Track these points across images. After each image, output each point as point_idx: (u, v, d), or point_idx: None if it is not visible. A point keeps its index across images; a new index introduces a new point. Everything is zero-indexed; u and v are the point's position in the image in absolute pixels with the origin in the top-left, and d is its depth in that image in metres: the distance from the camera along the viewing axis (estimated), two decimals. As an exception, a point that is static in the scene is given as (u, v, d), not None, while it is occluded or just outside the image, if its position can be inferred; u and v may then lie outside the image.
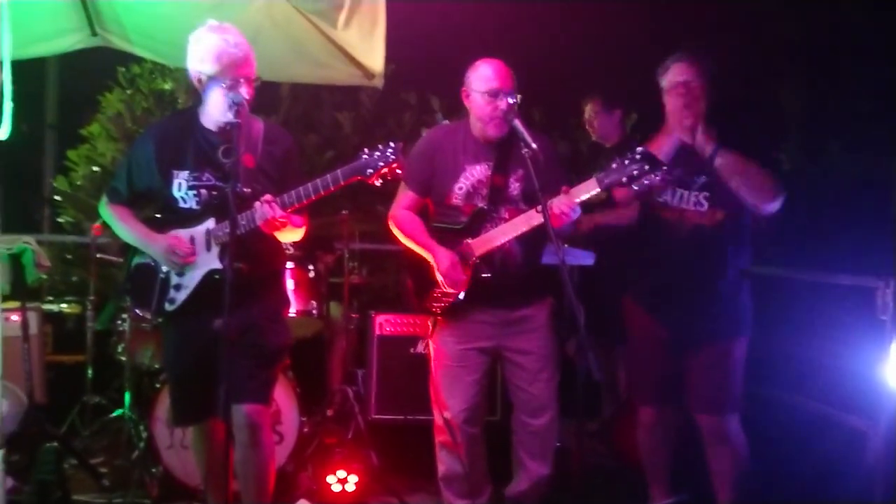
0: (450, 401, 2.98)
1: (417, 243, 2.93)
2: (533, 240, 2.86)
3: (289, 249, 3.76)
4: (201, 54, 2.58)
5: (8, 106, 2.53)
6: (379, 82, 4.05)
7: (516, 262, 2.91)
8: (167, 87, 5.20)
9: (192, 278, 2.65)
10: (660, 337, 2.98)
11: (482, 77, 2.86)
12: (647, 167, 2.58)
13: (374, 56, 3.86)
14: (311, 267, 3.79)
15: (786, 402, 3.59)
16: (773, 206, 2.81)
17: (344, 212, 3.93)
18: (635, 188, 2.61)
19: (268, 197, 2.52)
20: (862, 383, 3.12)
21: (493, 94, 2.82)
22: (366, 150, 2.53)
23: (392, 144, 2.51)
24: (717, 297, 2.91)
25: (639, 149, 2.61)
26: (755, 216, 2.90)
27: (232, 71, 2.54)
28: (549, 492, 3.08)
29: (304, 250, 3.74)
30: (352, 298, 4.01)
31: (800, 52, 5.22)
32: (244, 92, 2.55)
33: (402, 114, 5.44)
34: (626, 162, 2.60)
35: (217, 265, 2.59)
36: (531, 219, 2.74)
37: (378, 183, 2.53)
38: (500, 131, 2.85)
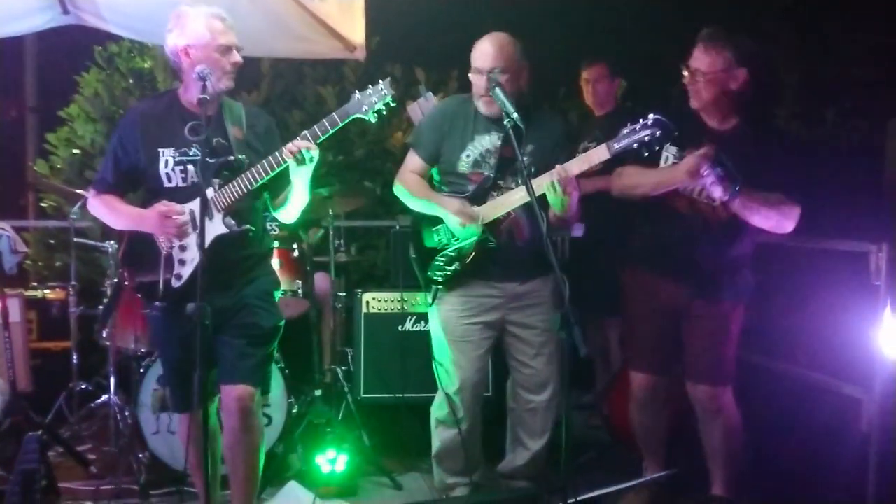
0: (452, 374, 2.95)
1: (424, 197, 2.94)
2: (536, 211, 2.81)
3: (273, 231, 3.70)
4: (186, 29, 2.56)
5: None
6: (361, 54, 3.97)
7: (523, 235, 2.90)
8: (146, 65, 5.07)
9: (196, 250, 2.56)
10: (659, 304, 2.94)
11: (476, 53, 2.87)
12: (658, 133, 2.54)
13: (354, 28, 3.79)
14: (294, 246, 3.73)
15: (778, 371, 3.56)
16: (790, 227, 2.78)
17: (330, 188, 3.84)
18: (646, 154, 2.59)
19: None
20: (856, 350, 3.08)
21: (480, 72, 2.83)
22: (357, 91, 2.54)
23: (381, 81, 2.54)
24: (719, 269, 2.86)
25: (651, 114, 2.58)
26: None
27: (223, 37, 2.56)
28: (543, 465, 3.07)
29: (289, 230, 3.67)
30: (339, 277, 3.95)
31: (793, 18, 5.14)
32: (229, 63, 2.57)
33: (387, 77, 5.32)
34: (638, 127, 2.59)
35: (223, 230, 2.53)
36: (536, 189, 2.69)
37: (374, 120, 2.56)
38: (489, 109, 2.86)
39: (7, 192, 6.46)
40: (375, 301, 3.79)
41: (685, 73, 2.81)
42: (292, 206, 2.71)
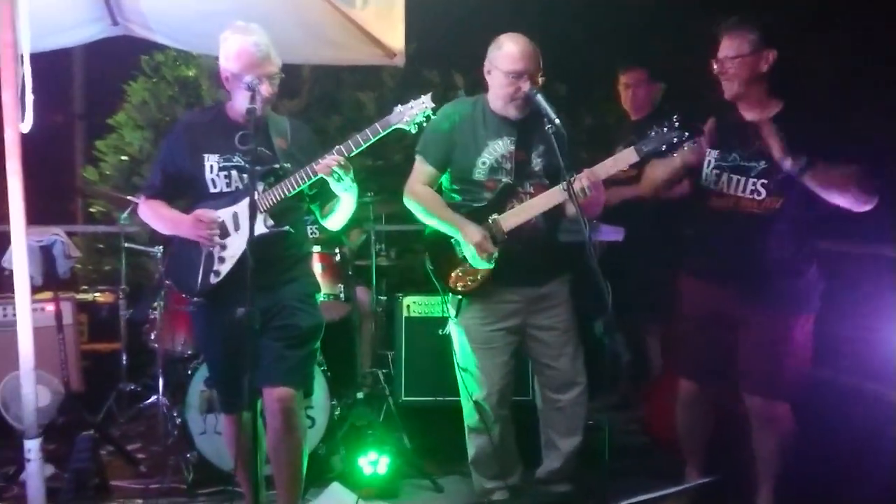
0: (479, 382, 2.96)
1: (442, 218, 2.88)
2: (555, 215, 2.83)
3: (314, 234, 3.77)
4: (226, 53, 2.67)
5: (29, 99, 2.56)
6: (400, 61, 4.00)
7: (542, 238, 2.87)
8: (191, 73, 5.20)
9: (238, 248, 2.65)
10: (706, 310, 2.85)
11: (506, 56, 2.79)
12: (686, 135, 2.54)
13: (394, 34, 3.82)
14: (336, 250, 3.78)
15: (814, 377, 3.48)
16: (871, 204, 2.63)
17: (370, 194, 3.90)
18: (674, 156, 2.58)
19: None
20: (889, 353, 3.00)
21: (517, 76, 2.76)
22: (399, 103, 2.58)
23: (422, 95, 2.58)
24: (774, 275, 2.73)
25: (676, 116, 2.56)
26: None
27: (252, 69, 2.61)
28: (579, 469, 3.06)
29: (329, 234, 3.72)
30: (380, 281, 4.00)
31: (827, 15, 5.03)
32: (265, 89, 2.61)
33: (426, 92, 5.35)
34: (665, 130, 2.58)
35: (263, 230, 2.60)
36: (560, 195, 2.70)
37: (414, 131, 2.59)
38: (522, 112, 2.82)
39: (56, 198, 6.65)
40: (416, 305, 3.82)
41: (715, 67, 2.74)
42: (338, 216, 2.79)
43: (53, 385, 3.65)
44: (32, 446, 2.62)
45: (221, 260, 2.69)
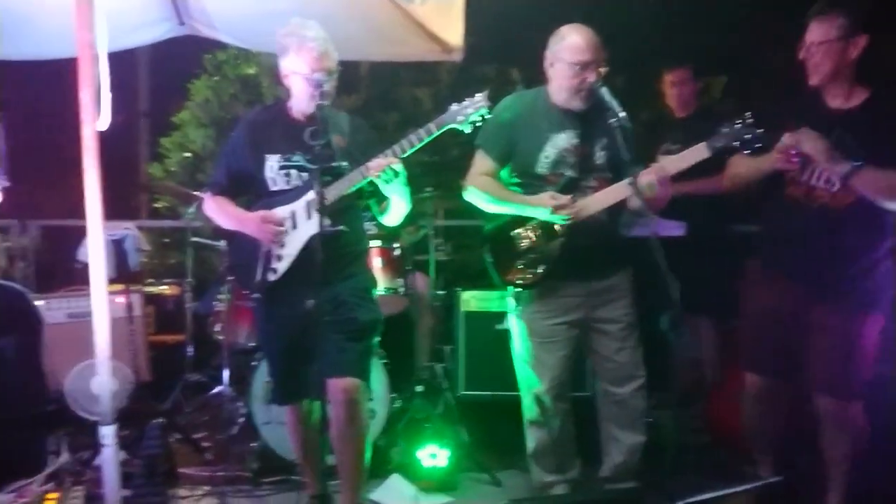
0: (539, 377, 2.96)
1: (507, 200, 2.88)
2: (617, 208, 2.81)
3: (371, 230, 3.81)
4: (284, 51, 2.73)
5: (106, 98, 2.65)
6: (458, 56, 3.99)
7: (604, 231, 2.86)
8: (251, 71, 5.31)
9: (294, 247, 2.73)
10: (774, 305, 2.79)
11: (571, 47, 2.77)
12: (759, 132, 2.51)
13: (453, 30, 3.81)
14: (395, 245, 3.82)
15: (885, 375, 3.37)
16: None
17: (428, 189, 3.93)
18: (746, 153, 2.55)
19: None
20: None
21: (583, 66, 2.74)
22: (455, 102, 2.60)
23: (478, 93, 2.59)
24: (847, 273, 2.66)
25: (749, 113, 2.53)
26: None
27: (311, 65, 2.66)
28: (642, 465, 3.03)
29: (387, 229, 3.76)
30: (438, 275, 4.03)
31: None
32: (326, 84, 2.66)
33: (482, 87, 5.35)
34: (738, 126, 2.55)
35: (317, 229, 2.64)
36: (626, 190, 2.67)
37: (469, 130, 2.60)
38: (586, 104, 2.79)
39: (122, 193, 6.87)
40: (474, 299, 3.84)
41: (802, 52, 2.67)
42: (392, 215, 2.84)
43: (123, 374, 3.78)
44: (108, 432, 2.69)
45: (279, 258, 2.76)
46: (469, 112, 2.57)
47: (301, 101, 2.75)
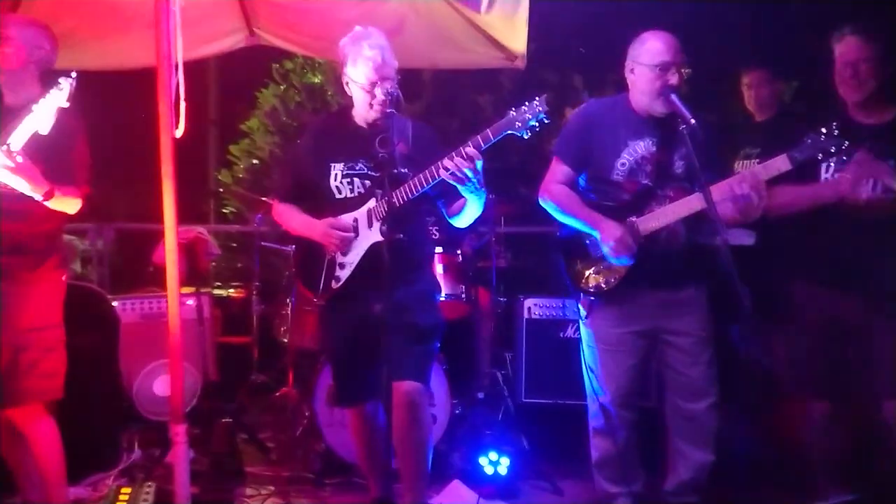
0: (606, 384, 2.93)
1: (578, 216, 2.86)
2: (696, 218, 2.75)
3: (435, 235, 3.83)
4: (345, 59, 2.77)
5: (183, 106, 2.74)
6: (521, 63, 4.00)
7: (680, 241, 2.81)
8: (317, 80, 5.43)
9: (357, 255, 2.77)
10: (831, 318, 2.74)
11: (651, 50, 2.75)
12: (845, 143, 2.44)
13: (516, 37, 3.82)
14: (458, 251, 3.84)
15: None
16: None
17: (489, 196, 3.93)
18: (832, 165, 2.50)
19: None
20: None
21: (664, 68, 2.71)
22: (513, 107, 2.56)
23: (537, 98, 2.53)
24: None
25: (835, 123, 2.45)
26: None
27: (367, 76, 2.70)
28: (708, 480, 2.97)
29: (451, 235, 3.78)
30: (499, 282, 4.03)
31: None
32: (384, 92, 2.68)
33: (543, 94, 5.35)
34: (822, 137, 2.47)
35: (378, 238, 2.67)
36: (697, 202, 2.64)
37: (527, 136, 2.55)
38: (669, 107, 2.74)
39: (191, 199, 7.09)
40: (537, 307, 3.83)
41: (844, 69, 2.65)
42: (466, 216, 2.83)
43: (191, 374, 3.90)
44: (180, 430, 2.77)
45: (342, 266, 2.81)
46: (527, 117, 2.53)
47: (362, 109, 2.80)
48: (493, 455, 3.37)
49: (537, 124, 2.54)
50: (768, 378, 3.91)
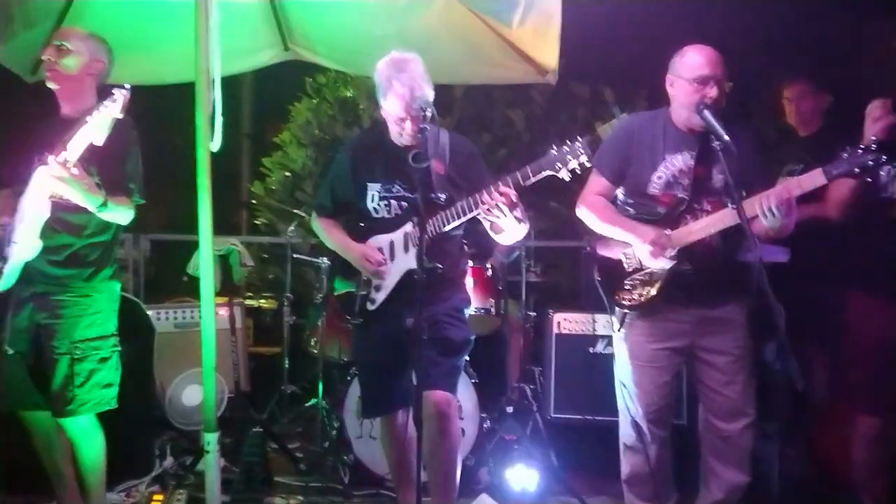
0: (639, 400, 2.91)
1: (614, 224, 2.86)
2: (735, 234, 2.72)
3: (465, 248, 3.85)
4: (378, 87, 2.79)
5: (219, 121, 2.79)
6: (553, 78, 4.00)
7: (717, 258, 2.77)
8: (349, 94, 5.48)
9: (392, 279, 2.82)
10: (882, 334, 2.70)
11: (690, 64, 2.75)
12: (883, 158, 2.40)
13: (548, 52, 3.83)
14: (489, 265, 3.84)
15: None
16: None
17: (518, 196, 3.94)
18: (869, 180, 2.45)
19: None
20: None
21: (703, 82, 2.70)
22: (553, 145, 2.56)
23: (579, 139, 2.53)
24: None
25: (873, 136, 2.42)
26: None
27: (396, 110, 2.71)
28: (743, 501, 2.93)
29: (483, 248, 3.79)
30: (528, 296, 4.02)
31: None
32: (408, 126, 2.69)
33: (575, 108, 5.37)
34: (860, 151, 2.44)
35: (414, 265, 2.70)
36: (731, 216, 2.61)
37: (567, 178, 2.55)
38: (703, 123, 2.72)
39: (223, 210, 7.19)
40: (566, 322, 3.82)
41: None
42: (507, 238, 2.84)
43: (219, 384, 3.93)
44: (211, 439, 2.79)
45: (377, 289, 2.85)
46: (568, 159, 2.52)
47: (395, 134, 2.83)
48: (520, 469, 3.35)
49: (578, 167, 2.54)
50: (805, 397, 3.86)
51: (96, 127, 2.47)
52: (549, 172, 2.54)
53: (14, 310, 2.76)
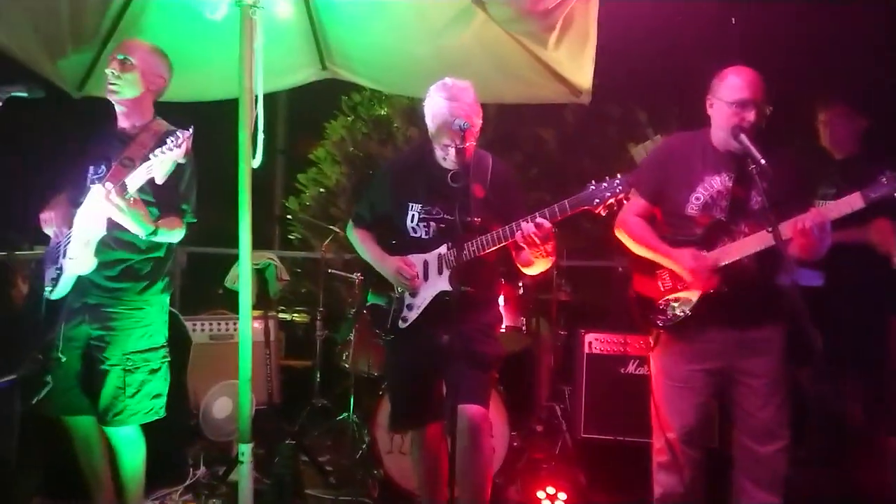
0: (672, 420, 2.89)
1: (651, 248, 2.86)
2: (772, 257, 2.71)
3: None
4: (426, 108, 2.84)
5: (261, 138, 2.86)
6: (586, 99, 4.03)
7: (753, 280, 2.76)
8: (383, 112, 5.56)
9: (424, 298, 2.86)
10: None
11: (730, 86, 2.75)
12: None
13: (582, 73, 3.86)
14: (520, 283, 3.86)
15: None
16: None
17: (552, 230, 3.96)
18: None
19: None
20: None
21: (741, 106, 2.71)
22: (593, 181, 2.59)
23: (619, 176, 2.55)
24: None
25: None
26: None
27: (445, 139, 2.75)
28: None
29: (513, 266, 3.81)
30: (559, 315, 4.03)
31: None
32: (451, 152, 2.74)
33: (607, 128, 5.39)
34: None
35: (447, 287, 2.76)
36: (766, 238, 2.60)
37: (604, 213, 2.57)
38: (740, 146, 2.72)
39: (257, 224, 7.28)
40: (597, 341, 3.81)
41: None
42: (532, 270, 2.88)
43: (254, 396, 3.98)
44: (245, 450, 2.84)
45: (410, 307, 2.88)
46: (606, 195, 2.55)
47: (441, 156, 2.86)
48: (550, 489, 3.35)
49: (615, 203, 2.56)
50: (840, 422, 3.80)
51: (158, 167, 2.54)
52: (586, 207, 2.57)
53: (67, 319, 2.83)
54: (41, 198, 2.94)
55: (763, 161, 2.50)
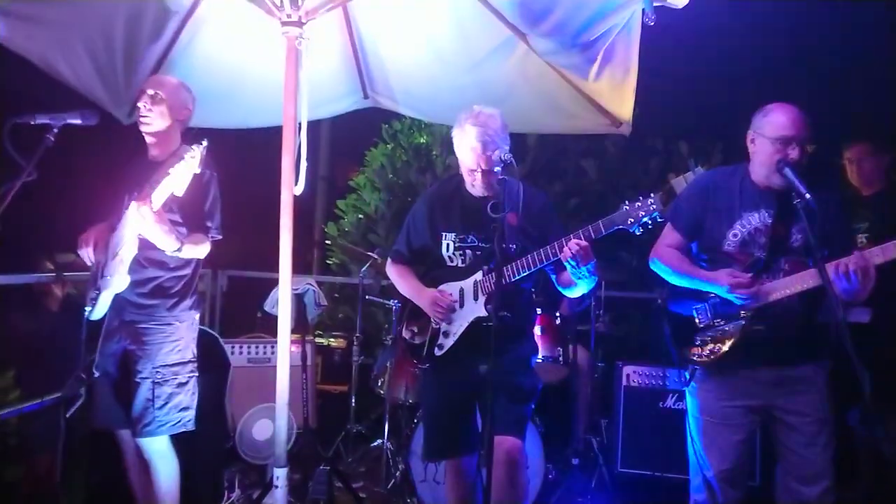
0: (711, 458, 2.83)
1: (689, 274, 2.82)
2: (813, 294, 2.66)
3: (534, 297, 3.86)
4: (456, 135, 2.87)
5: (303, 165, 2.92)
6: (627, 130, 4.02)
7: (793, 317, 2.70)
8: (423, 140, 5.61)
9: (460, 326, 2.86)
10: None
11: (774, 123, 2.72)
12: None
13: (623, 105, 3.85)
14: (557, 313, 3.84)
15: None
16: None
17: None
18: None
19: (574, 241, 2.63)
20: None
21: (785, 143, 2.67)
22: (626, 200, 2.56)
23: (652, 195, 2.53)
24: None
25: None
26: None
27: (471, 164, 2.79)
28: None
29: (552, 297, 3.79)
30: (597, 346, 3.99)
31: None
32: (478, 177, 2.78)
33: (648, 160, 5.36)
34: None
35: (483, 313, 2.75)
36: (814, 277, 2.55)
37: (638, 232, 2.55)
38: (784, 181, 2.68)
39: (296, 249, 7.37)
40: (636, 374, 3.76)
41: None
42: (574, 291, 2.86)
43: (291, 420, 4.01)
44: (281, 474, 2.85)
45: (445, 335, 2.89)
46: (640, 214, 2.53)
47: (469, 183, 2.90)
48: (586, 524, 3.29)
49: (650, 222, 2.54)
50: (890, 463, 3.67)
51: (176, 179, 2.67)
52: (621, 227, 2.55)
53: (105, 337, 2.96)
54: (86, 222, 3.07)
55: (808, 195, 2.45)
